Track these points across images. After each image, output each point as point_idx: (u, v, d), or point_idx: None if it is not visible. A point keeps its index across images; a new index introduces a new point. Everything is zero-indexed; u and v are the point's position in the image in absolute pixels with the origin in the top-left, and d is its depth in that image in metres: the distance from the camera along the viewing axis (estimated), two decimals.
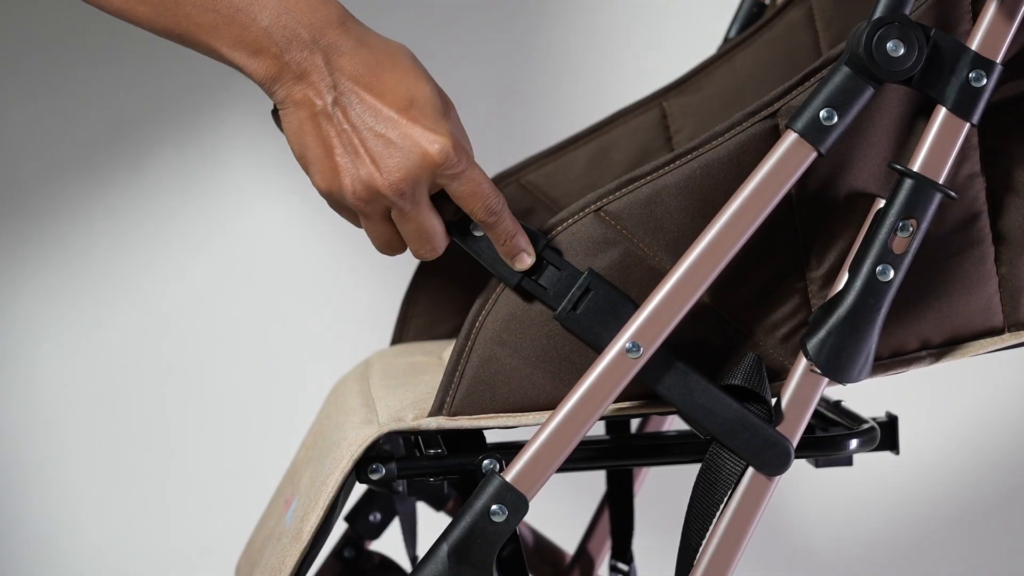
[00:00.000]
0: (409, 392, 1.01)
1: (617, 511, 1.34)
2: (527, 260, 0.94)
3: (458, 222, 0.93)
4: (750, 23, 1.29)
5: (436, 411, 0.94)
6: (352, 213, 0.93)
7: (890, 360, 0.98)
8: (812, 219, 0.96)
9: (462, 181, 0.91)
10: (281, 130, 0.92)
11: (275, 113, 0.92)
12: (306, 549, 0.93)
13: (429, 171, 0.89)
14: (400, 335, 1.26)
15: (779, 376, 0.97)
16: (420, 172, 0.89)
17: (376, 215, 0.92)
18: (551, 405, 0.94)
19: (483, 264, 0.94)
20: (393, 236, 0.93)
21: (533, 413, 0.94)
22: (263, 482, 1.78)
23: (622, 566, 1.35)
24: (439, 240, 0.93)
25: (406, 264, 1.26)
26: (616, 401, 0.93)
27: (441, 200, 0.93)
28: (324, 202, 1.10)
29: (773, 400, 0.95)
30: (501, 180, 1.26)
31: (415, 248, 0.93)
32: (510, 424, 0.94)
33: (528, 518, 1.34)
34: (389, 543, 1.31)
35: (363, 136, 0.89)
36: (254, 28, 0.88)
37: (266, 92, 0.90)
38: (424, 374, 1.07)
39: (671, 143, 1.27)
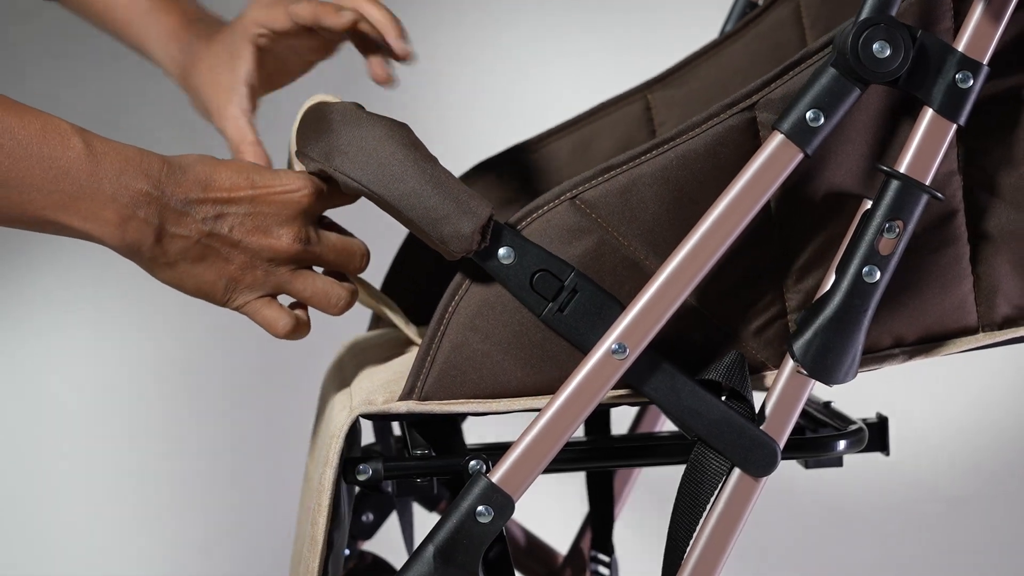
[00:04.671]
0: (381, 373, 1.00)
1: (597, 503, 1.34)
2: None
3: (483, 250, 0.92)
4: None
5: (407, 395, 0.94)
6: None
7: (863, 356, 0.98)
8: (790, 217, 0.95)
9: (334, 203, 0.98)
10: None
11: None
12: (323, 551, 0.94)
13: (307, 216, 0.95)
14: (377, 322, 1.26)
15: (758, 372, 0.97)
16: (302, 218, 0.95)
17: (287, 273, 0.96)
18: (522, 392, 0.94)
19: (510, 291, 0.94)
20: (326, 282, 0.97)
21: (504, 400, 0.94)
22: (259, 482, 1.79)
23: (603, 557, 1.36)
24: (359, 250, 0.98)
25: (385, 253, 1.25)
26: None
27: None
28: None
29: (759, 402, 0.95)
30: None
31: (347, 264, 0.98)
32: (480, 410, 0.94)
33: (520, 518, 1.34)
34: (382, 543, 1.31)
35: (244, 230, 0.94)
36: (100, 196, 0.90)
37: (133, 259, 0.93)
38: (397, 351, 1.07)
39: (654, 135, 1.26)
